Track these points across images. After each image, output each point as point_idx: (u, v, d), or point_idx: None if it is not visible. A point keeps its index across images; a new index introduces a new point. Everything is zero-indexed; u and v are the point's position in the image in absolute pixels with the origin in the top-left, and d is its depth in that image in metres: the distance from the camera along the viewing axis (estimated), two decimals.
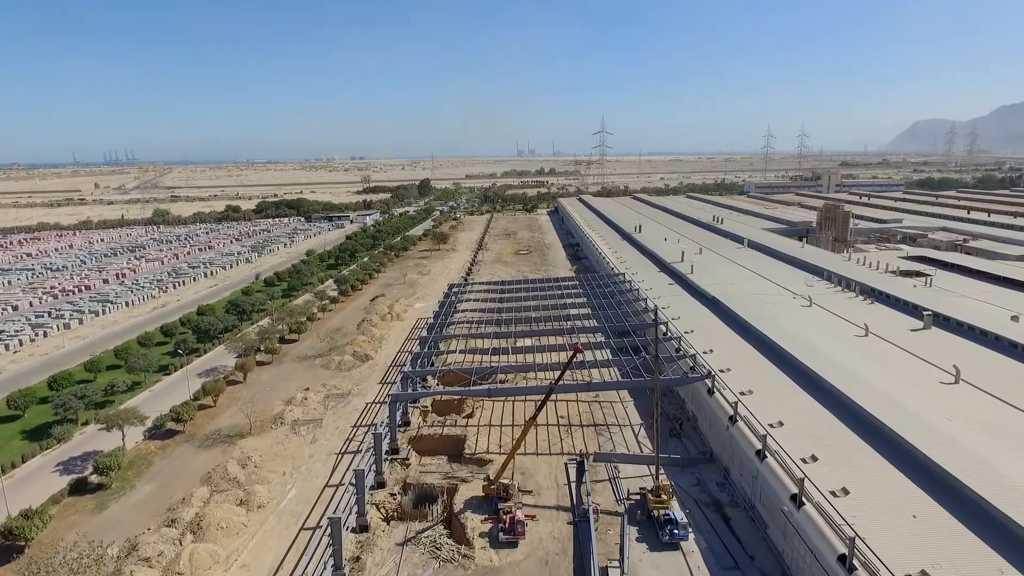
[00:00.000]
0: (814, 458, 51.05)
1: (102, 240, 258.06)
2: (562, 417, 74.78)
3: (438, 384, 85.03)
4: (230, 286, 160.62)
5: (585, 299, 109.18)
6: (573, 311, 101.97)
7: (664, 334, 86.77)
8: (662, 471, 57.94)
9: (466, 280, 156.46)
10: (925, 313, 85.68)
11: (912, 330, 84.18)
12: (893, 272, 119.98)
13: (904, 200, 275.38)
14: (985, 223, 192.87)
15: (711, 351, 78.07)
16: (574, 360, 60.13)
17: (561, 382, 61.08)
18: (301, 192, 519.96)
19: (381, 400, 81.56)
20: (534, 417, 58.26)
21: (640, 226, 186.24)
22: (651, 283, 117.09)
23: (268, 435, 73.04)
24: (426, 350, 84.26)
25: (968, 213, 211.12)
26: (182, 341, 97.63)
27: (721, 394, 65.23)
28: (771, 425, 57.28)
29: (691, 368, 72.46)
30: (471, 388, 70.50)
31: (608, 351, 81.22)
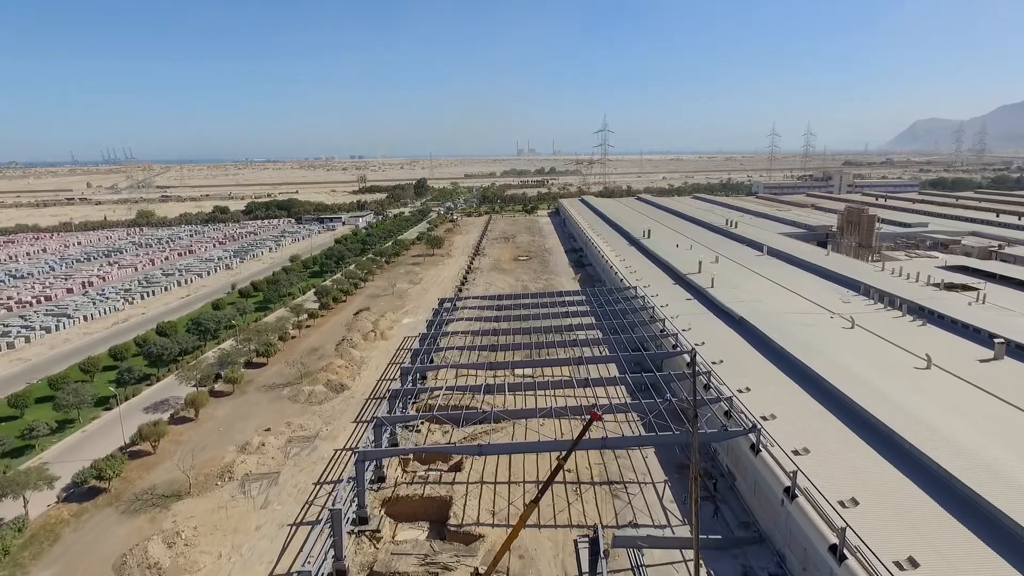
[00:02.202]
0: (913, 563, 37.86)
1: (79, 243, 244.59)
2: (569, 471, 61.59)
3: (420, 426, 72.46)
4: (203, 297, 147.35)
5: (593, 319, 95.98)
6: (580, 334, 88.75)
7: (688, 364, 73.79)
8: (701, 560, 44.86)
9: (460, 290, 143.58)
10: (997, 341, 72.46)
11: (981, 361, 70.99)
12: (936, 285, 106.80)
13: (922, 202, 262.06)
14: (1017, 227, 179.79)
15: (748, 389, 64.99)
16: (590, 428, 46.67)
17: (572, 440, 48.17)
18: (297, 192, 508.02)
19: (352, 446, 68.42)
20: (536, 500, 45.13)
21: (649, 231, 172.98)
22: (666, 298, 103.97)
23: (211, 496, 59.88)
24: (407, 386, 71.04)
25: (998, 216, 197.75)
26: (127, 370, 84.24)
27: (769, 453, 52.05)
28: (842, 504, 44.21)
29: (727, 413, 59.39)
30: (458, 444, 57.42)
31: (624, 389, 68.05)
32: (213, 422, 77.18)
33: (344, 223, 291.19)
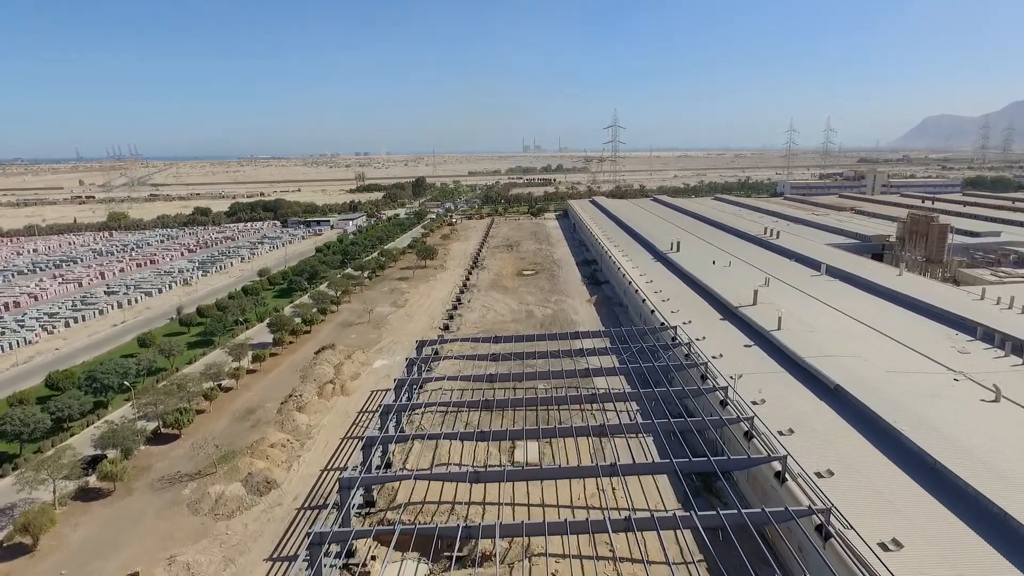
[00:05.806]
0: None
1: (34, 250, 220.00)
2: None
3: (376, 551, 47.42)
4: (142, 323, 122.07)
5: (624, 380, 69.88)
6: (608, 408, 62.59)
7: (778, 474, 47.91)
8: None
9: (451, 317, 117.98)
10: None
11: None
12: None
13: (973, 204, 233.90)
14: None
15: (896, 545, 39.11)
16: None
17: None
18: (299, 189, 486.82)
19: None
20: None
21: (678, 242, 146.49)
22: (717, 344, 77.76)
23: None
24: (349, 511, 45.30)
25: None
26: None
27: None
28: None
29: None
30: None
31: (683, 522, 41.91)
32: (60, 553, 51.61)
33: (333, 226, 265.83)
